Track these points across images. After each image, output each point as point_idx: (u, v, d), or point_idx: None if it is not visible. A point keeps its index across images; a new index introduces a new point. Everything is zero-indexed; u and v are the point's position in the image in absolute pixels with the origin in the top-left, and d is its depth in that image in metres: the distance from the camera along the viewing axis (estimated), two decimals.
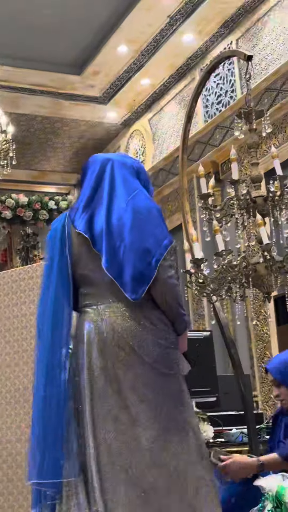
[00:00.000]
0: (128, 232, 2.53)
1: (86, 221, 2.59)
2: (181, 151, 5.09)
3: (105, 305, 2.53)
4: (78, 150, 11.80)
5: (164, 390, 2.46)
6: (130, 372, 2.44)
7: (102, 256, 2.52)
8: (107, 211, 2.58)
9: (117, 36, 8.90)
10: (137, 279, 2.47)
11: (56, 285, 2.56)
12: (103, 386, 2.43)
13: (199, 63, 9.34)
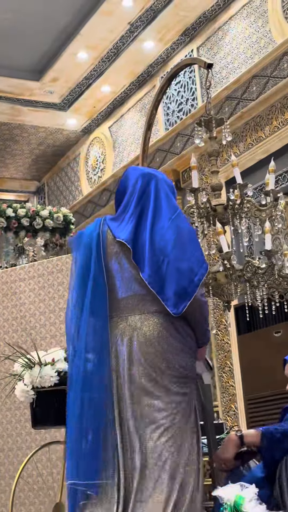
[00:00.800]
0: (171, 249, 2.61)
1: (130, 232, 2.66)
2: (141, 159, 5.04)
3: (133, 316, 2.61)
4: (38, 157, 11.67)
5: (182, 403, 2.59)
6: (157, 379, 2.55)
7: (143, 268, 2.60)
8: (151, 226, 2.66)
9: (77, 42, 8.83)
10: (180, 295, 2.58)
11: (92, 293, 2.61)
12: (135, 394, 2.53)
13: (159, 70, 9.32)
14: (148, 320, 2.59)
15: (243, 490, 2.45)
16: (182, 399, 2.59)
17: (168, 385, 2.55)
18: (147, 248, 2.61)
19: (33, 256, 6.95)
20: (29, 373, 2.80)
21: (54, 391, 2.80)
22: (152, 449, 2.46)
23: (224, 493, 2.48)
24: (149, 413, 2.50)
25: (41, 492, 3.62)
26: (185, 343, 2.64)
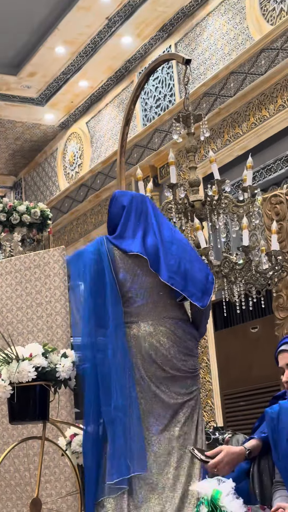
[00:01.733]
0: (182, 253, 3.00)
1: (141, 245, 2.99)
2: (118, 154, 5.04)
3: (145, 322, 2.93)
4: (15, 152, 11.61)
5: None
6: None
7: (162, 273, 2.93)
8: (160, 236, 3.02)
9: (55, 37, 8.79)
10: (203, 291, 2.97)
11: (111, 302, 2.93)
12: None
13: (137, 66, 9.31)
14: (160, 325, 2.91)
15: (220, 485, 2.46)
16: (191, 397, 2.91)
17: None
18: (161, 255, 2.95)
19: (10, 251, 6.91)
20: (6, 368, 2.79)
21: (32, 386, 2.79)
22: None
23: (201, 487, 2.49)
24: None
25: (18, 488, 3.61)
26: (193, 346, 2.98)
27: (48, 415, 2.82)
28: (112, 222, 3.17)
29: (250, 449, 2.78)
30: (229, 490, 2.39)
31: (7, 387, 2.75)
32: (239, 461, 2.75)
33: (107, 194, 9.81)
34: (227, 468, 2.70)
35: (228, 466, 2.70)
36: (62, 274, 3.83)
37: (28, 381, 2.76)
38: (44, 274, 3.85)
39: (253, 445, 2.81)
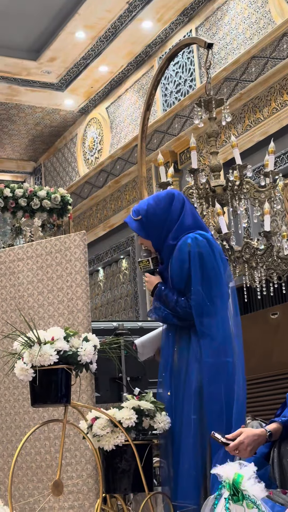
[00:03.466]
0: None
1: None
2: (139, 139, 5.02)
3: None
4: (35, 137, 11.62)
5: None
6: None
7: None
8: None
9: (75, 22, 8.76)
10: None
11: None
12: None
13: (158, 51, 9.26)
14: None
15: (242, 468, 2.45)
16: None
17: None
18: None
19: (31, 236, 6.94)
20: (28, 352, 2.80)
21: (54, 369, 2.80)
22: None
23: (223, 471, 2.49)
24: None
25: (39, 470, 3.64)
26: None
27: (69, 398, 2.83)
28: (172, 216, 3.06)
29: (271, 431, 2.78)
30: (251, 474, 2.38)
31: (29, 370, 2.76)
32: (260, 443, 2.75)
33: (127, 180, 9.80)
34: (248, 449, 2.69)
35: (250, 448, 2.70)
36: (83, 259, 3.84)
37: (49, 364, 2.77)
38: (65, 259, 3.86)
39: (274, 428, 2.80)
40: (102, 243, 10.40)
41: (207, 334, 2.94)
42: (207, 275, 2.94)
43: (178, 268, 2.99)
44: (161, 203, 3.08)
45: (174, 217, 3.04)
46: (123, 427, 2.81)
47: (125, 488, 2.81)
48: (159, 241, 3.07)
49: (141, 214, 3.10)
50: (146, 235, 3.10)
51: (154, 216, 3.06)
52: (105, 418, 2.86)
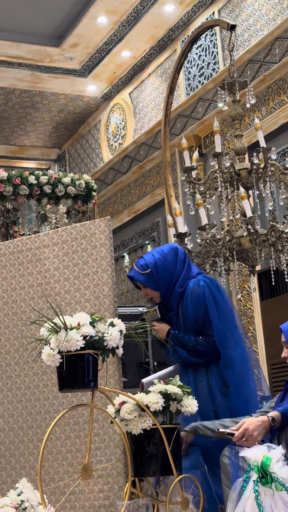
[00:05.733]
0: None
1: None
2: (163, 124, 4.99)
3: None
4: (58, 124, 11.64)
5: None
6: None
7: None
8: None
9: (97, 7, 8.73)
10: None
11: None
12: None
13: (180, 34, 9.20)
14: None
15: (270, 451, 2.46)
16: None
17: None
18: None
19: (56, 223, 6.96)
20: (55, 337, 2.82)
21: (80, 355, 2.81)
22: None
23: (252, 454, 2.50)
24: None
25: (69, 455, 3.67)
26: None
27: (97, 383, 2.85)
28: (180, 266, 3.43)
29: (273, 416, 2.80)
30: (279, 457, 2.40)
31: (56, 356, 2.78)
32: (265, 428, 2.77)
33: (151, 165, 9.78)
34: (254, 435, 2.71)
35: (256, 433, 2.71)
36: (109, 244, 3.84)
37: (76, 349, 2.78)
38: (90, 245, 3.87)
39: (276, 415, 2.82)
40: (127, 229, 10.41)
41: (231, 365, 3.26)
42: (222, 311, 3.31)
43: (194, 310, 3.33)
44: (168, 257, 3.42)
45: (180, 268, 3.41)
46: (150, 411, 2.82)
47: (154, 471, 2.83)
48: (167, 291, 3.39)
49: (150, 268, 3.41)
50: (156, 287, 3.41)
51: (163, 269, 3.40)
52: (133, 402, 2.87)
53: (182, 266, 3.41)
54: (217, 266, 4.26)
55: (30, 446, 3.85)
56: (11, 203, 6.75)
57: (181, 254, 3.45)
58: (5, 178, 6.51)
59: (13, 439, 3.94)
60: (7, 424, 3.98)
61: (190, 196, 4.56)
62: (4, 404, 3.99)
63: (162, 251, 3.46)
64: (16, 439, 3.93)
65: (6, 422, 3.98)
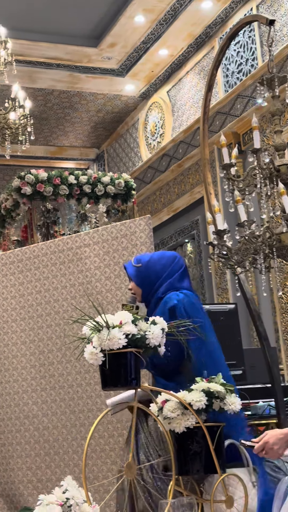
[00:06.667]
0: None
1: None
2: (201, 121, 4.97)
3: None
4: (97, 124, 11.69)
5: None
6: None
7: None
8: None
9: (134, 6, 8.74)
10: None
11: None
12: None
13: (218, 31, 9.15)
14: None
15: None
16: None
17: None
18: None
19: (96, 222, 7.00)
20: (97, 336, 2.83)
21: (123, 353, 2.82)
22: None
23: None
24: None
25: (112, 453, 3.69)
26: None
27: (139, 381, 2.86)
28: (155, 278, 3.33)
29: None
30: None
31: (98, 354, 2.80)
32: (286, 442, 2.71)
33: (190, 163, 9.76)
34: (275, 448, 2.67)
35: (277, 447, 2.67)
36: (149, 243, 3.85)
37: (118, 348, 2.79)
38: (131, 244, 3.88)
39: None
40: (166, 227, 10.40)
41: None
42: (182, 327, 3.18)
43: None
44: (162, 260, 3.35)
45: (169, 275, 3.30)
46: (193, 409, 2.82)
47: (198, 469, 2.82)
48: (149, 292, 3.30)
49: (141, 263, 3.33)
50: (140, 282, 3.31)
51: (152, 268, 3.31)
52: (175, 400, 2.87)
53: (172, 275, 3.33)
54: (257, 264, 4.22)
55: (74, 444, 3.88)
56: (51, 203, 6.81)
57: (177, 264, 3.37)
58: (45, 179, 6.57)
59: (57, 437, 3.98)
60: (51, 423, 4.02)
61: (229, 193, 4.53)
62: (47, 403, 4.02)
63: (162, 254, 3.43)
64: (60, 437, 3.96)
65: (50, 421, 4.02)
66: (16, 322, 4.30)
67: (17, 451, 4.18)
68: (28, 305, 4.24)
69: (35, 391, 4.11)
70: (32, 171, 6.60)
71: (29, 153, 10.72)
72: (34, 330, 4.20)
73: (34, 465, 4.09)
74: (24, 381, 4.19)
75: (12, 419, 4.23)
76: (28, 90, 9.12)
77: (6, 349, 4.32)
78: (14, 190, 6.58)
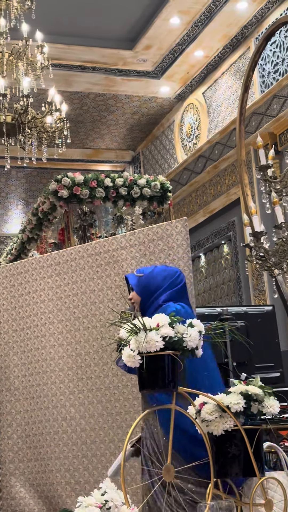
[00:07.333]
0: None
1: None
2: (238, 122, 4.96)
3: None
4: (132, 126, 11.71)
5: None
6: None
7: None
8: None
9: (169, 8, 8.74)
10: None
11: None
12: None
13: (254, 31, 9.10)
14: None
15: None
16: None
17: None
18: None
19: (132, 225, 7.01)
20: (134, 339, 2.83)
21: (160, 356, 2.82)
22: None
23: None
24: None
25: None
26: None
27: (177, 384, 2.85)
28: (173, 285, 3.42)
29: None
30: None
31: (136, 357, 2.80)
32: None
33: (226, 165, 9.72)
34: None
35: None
36: (186, 245, 3.84)
37: (156, 350, 2.79)
38: (167, 246, 3.88)
39: None
40: (202, 229, 10.37)
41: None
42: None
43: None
44: (165, 273, 3.44)
45: (171, 286, 3.37)
46: (231, 412, 2.80)
47: (236, 472, 2.80)
48: (148, 300, 3.36)
49: (144, 273, 3.45)
50: (140, 291, 3.39)
51: (154, 279, 3.40)
52: (213, 403, 2.86)
53: (173, 287, 3.40)
54: None
55: (111, 447, 3.89)
56: (88, 206, 6.83)
57: (178, 278, 3.45)
58: (82, 182, 6.59)
59: (94, 440, 3.99)
60: (88, 425, 4.03)
61: (266, 194, 4.51)
62: (85, 405, 4.04)
63: (164, 267, 3.54)
64: (98, 439, 3.97)
65: (87, 423, 4.03)
66: (53, 324, 4.33)
67: (55, 453, 4.21)
68: (66, 308, 4.27)
69: (73, 393, 4.13)
70: (69, 174, 6.63)
71: (66, 156, 10.80)
72: (71, 332, 4.22)
73: (72, 467, 4.11)
74: (61, 383, 4.22)
75: (50, 421, 4.26)
76: (64, 94, 9.18)
77: (44, 351, 4.36)
78: (51, 193, 6.62)
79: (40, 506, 4.29)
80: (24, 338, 4.48)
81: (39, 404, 4.34)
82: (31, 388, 4.40)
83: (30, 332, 4.44)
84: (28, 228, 7.36)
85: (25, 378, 4.44)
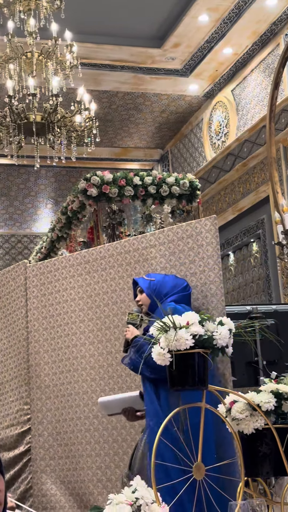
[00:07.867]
0: None
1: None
2: (268, 119, 4.93)
3: None
4: (161, 124, 11.71)
5: None
6: None
7: None
8: None
9: (198, 5, 8.71)
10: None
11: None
12: None
13: (283, 28, 9.04)
14: None
15: None
16: None
17: None
18: None
19: (161, 223, 7.01)
20: (164, 337, 2.84)
21: (190, 354, 2.82)
22: None
23: None
24: None
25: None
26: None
27: (207, 382, 2.85)
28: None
29: None
30: None
31: (166, 355, 2.80)
32: None
33: (255, 162, 9.67)
34: None
35: None
36: (215, 243, 3.83)
37: (186, 348, 2.79)
38: (197, 244, 3.88)
39: None
40: (231, 227, 10.33)
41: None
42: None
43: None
44: (175, 281, 3.68)
45: (179, 292, 3.61)
46: (262, 410, 2.79)
47: (267, 472, 2.79)
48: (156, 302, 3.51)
49: (155, 278, 3.67)
50: (150, 294, 3.59)
51: (165, 285, 3.65)
52: (243, 401, 2.85)
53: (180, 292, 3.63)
54: None
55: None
56: (117, 204, 6.86)
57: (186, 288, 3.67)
58: (111, 180, 6.62)
59: (125, 437, 4.01)
60: (119, 422, 4.05)
61: None
62: None
63: (174, 277, 3.75)
64: (129, 437, 3.99)
65: (118, 421, 4.05)
66: (84, 323, 4.35)
67: (87, 450, 4.23)
68: (96, 306, 4.29)
69: (104, 391, 4.15)
70: (98, 173, 6.66)
71: (94, 155, 10.83)
72: (101, 330, 4.24)
73: (104, 464, 4.13)
74: (92, 381, 4.24)
75: (81, 418, 4.29)
76: (93, 93, 9.20)
77: (74, 349, 4.38)
78: (80, 192, 6.66)
79: (71, 503, 4.32)
80: (54, 336, 4.51)
81: (70, 402, 4.36)
82: (61, 386, 4.43)
83: (61, 330, 4.47)
84: (58, 226, 7.40)
85: (56, 376, 4.47)
